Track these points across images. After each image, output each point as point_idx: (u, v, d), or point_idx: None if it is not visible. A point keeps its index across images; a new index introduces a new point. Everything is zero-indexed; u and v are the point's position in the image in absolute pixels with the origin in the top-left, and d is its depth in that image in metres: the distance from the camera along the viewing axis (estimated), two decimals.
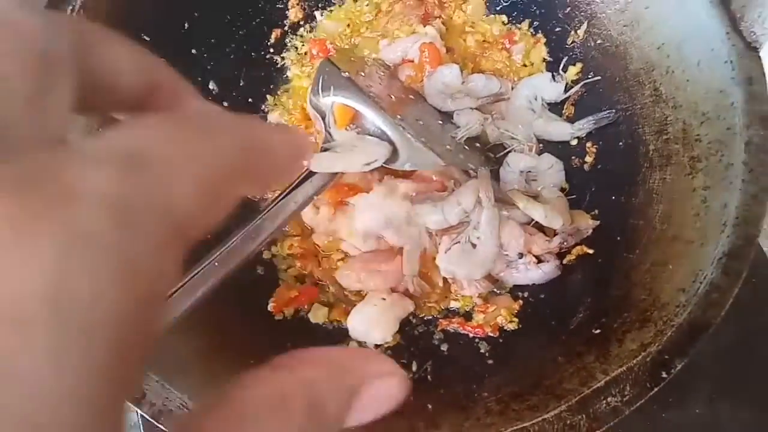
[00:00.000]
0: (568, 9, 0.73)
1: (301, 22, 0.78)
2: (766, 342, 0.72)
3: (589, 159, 0.70)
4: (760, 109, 0.57)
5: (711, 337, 0.66)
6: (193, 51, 0.71)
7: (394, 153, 0.60)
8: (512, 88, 0.72)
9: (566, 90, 0.72)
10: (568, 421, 0.49)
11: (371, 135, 0.60)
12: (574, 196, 0.68)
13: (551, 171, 0.68)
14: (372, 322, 0.62)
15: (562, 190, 0.69)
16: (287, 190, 0.55)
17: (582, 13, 0.72)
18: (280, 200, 0.54)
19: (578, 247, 0.65)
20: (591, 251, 0.65)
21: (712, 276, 0.52)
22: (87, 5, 0.62)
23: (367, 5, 0.77)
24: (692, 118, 0.61)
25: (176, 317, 0.48)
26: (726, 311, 0.66)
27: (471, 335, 0.63)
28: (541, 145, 0.72)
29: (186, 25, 0.70)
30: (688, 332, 0.51)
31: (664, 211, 0.60)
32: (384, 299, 0.63)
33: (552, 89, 0.72)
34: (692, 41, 0.62)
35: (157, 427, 0.49)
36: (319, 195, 0.57)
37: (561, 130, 0.70)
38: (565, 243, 0.64)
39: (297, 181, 0.56)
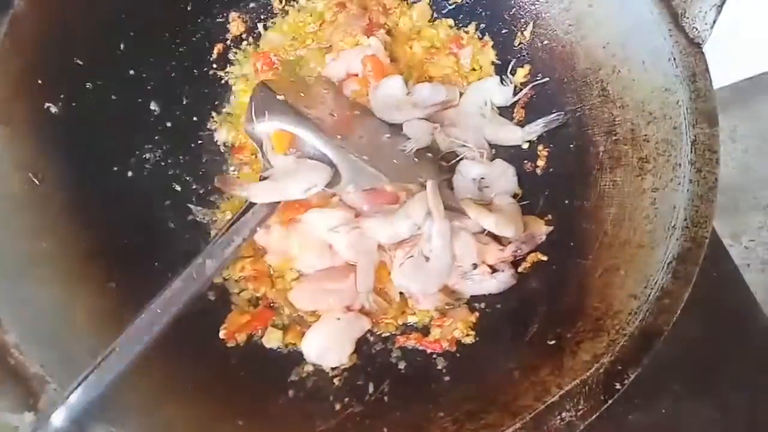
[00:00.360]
0: (514, 10, 0.72)
1: (244, 35, 0.76)
2: (731, 341, 0.72)
3: (541, 162, 0.69)
4: (704, 107, 0.56)
5: (678, 337, 0.67)
6: (131, 72, 0.69)
7: (336, 175, 0.58)
8: (461, 95, 0.71)
9: (515, 93, 0.70)
10: None
11: (312, 158, 0.58)
12: (527, 202, 0.68)
13: (504, 177, 0.67)
14: (327, 344, 0.61)
15: (515, 195, 0.68)
16: (228, 225, 0.54)
17: (527, 14, 0.71)
18: (221, 237, 0.53)
19: (533, 254, 0.64)
20: (545, 258, 0.64)
21: (662, 281, 0.52)
22: (14, 34, 0.59)
23: (310, 16, 0.75)
24: (639, 118, 0.60)
25: (123, 367, 0.48)
26: (692, 310, 0.67)
27: (428, 351, 0.62)
28: (493, 150, 0.71)
29: (122, 45, 0.68)
30: (640, 340, 0.50)
31: (615, 214, 0.59)
32: (339, 319, 0.62)
33: (501, 93, 0.71)
34: (636, 39, 0.61)
35: None
36: (261, 225, 0.55)
37: (512, 135, 0.69)
38: (519, 251, 0.63)
39: (238, 215, 0.55)
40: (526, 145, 0.70)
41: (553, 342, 0.55)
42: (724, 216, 1.77)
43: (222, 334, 0.62)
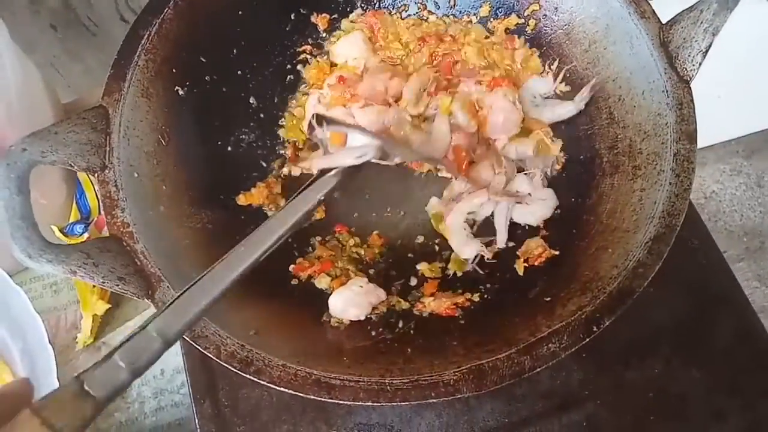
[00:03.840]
0: (544, 48, 0.88)
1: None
2: (716, 310, 0.85)
3: (557, 167, 0.84)
4: (687, 128, 0.71)
5: (669, 311, 0.81)
6: (239, 72, 0.88)
7: (384, 153, 0.71)
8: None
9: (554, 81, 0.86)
10: (516, 360, 0.61)
11: None
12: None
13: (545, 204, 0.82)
14: (348, 303, 0.74)
15: None
16: (297, 193, 0.66)
17: (554, 52, 0.87)
18: (291, 201, 0.66)
19: (546, 251, 0.77)
20: (557, 252, 0.77)
21: (640, 255, 0.65)
22: (160, 33, 0.79)
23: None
24: (636, 135, 0.75)
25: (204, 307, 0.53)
26: (682, 290, 0.81)
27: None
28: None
29: (234, 51, 0.88)
30: (617, 297, 0.63)
31: (610, 209, 0.74)
32: (361, 287, 0.76)
33: (543, 84, 0.86)
34: (639, 75, 0.76)
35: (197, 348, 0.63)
36: (329, 196, 0.68)
37: (567, 108, 0.84)
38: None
39: (306, 185, 0.67)
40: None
41: (548, 299, 0.68)
42: (750, 259, 1.85)
43: (291, 268, 0.79)
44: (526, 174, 0.83)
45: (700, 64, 0.73)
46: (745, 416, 0.79)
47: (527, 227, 0.82)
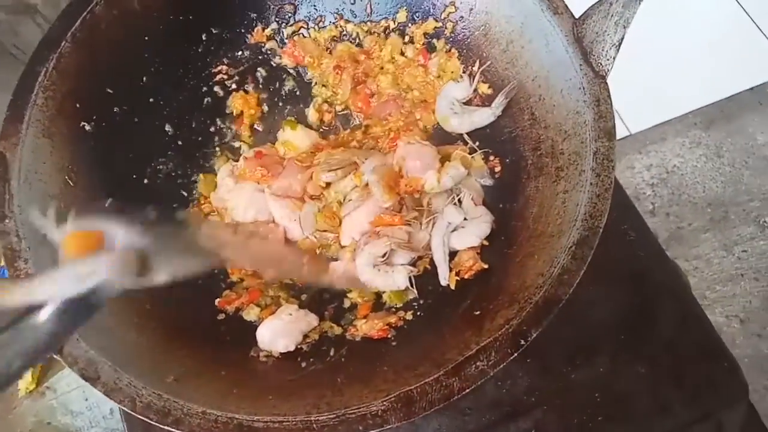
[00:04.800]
0: (464, 50, 0.86)
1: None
2: (657, 302, 0.84)
3: (497, 172, 0.83)
4: (605, 125, 0.69)
5: (611, 307, 0.80)
6: (151, 99, 0.85)
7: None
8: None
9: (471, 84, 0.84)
10: (444, 383, 0.59)
11: None
12: None
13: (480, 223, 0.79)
14: (277, 334, 0.72)
15: None
16: None
17: (474, 54, 0.85)
18: None
19: (477, 264, 0.75)
20: (486, 266, 0.75)
21: (564, 261, 0.64)
22: (59, 68, 0.75)
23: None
24: (558, 135, 0.74)
25: None
26: (622, 284, 0.79)
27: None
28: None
29: (144, 78, 0.84)
30: (543, 307, 0.62)
31: (536, 213, 0.72)
32: (291, 314, 0.73)
33: (461, 88, 0.85)
34: (556, 72, 0.75)
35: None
36: None
37: (484, 115, 0.82)
38: None
39: None
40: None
41: (478, 312, 0.67)
42: (715, 229, 1.88)
43: (217, 302, 0.76)
44: (454, 204, 0.80)
45: (614, 58, 0.71)
46: (690, 407, 0.78)
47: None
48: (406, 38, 0.90)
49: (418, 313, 0.74)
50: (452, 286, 0.75)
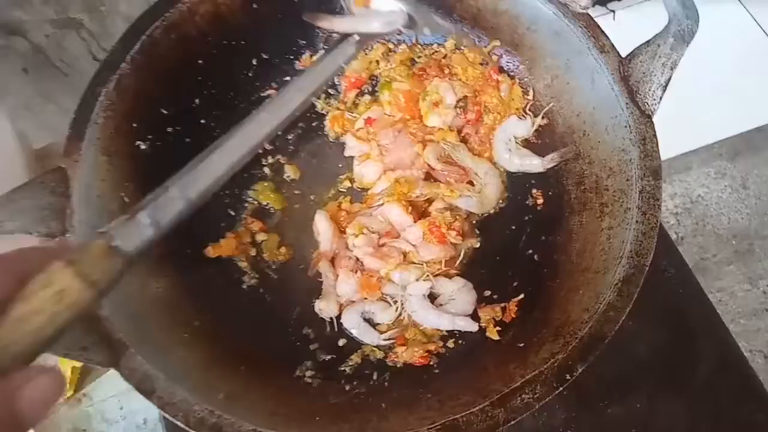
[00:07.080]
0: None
1: None
2: (696, 340, 0.85)
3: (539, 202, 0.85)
4: (651, 164, 0.71)
5: (650, 344, 0.81)
6: (203, 121, 0.87)
7: (411, 20, 0.67)
8: None
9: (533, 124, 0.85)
10: (490, 414, 0.60)
11: None
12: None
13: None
14: None
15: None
16: (315, 62, 0.66)
17: (521, 87, 0.87)
18: (309, 70, 0.65)
19: (513, 305, 0.75)
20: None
21: (609, 298, 0.65)
22: (118, 88, 0.78)
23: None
24: (602, 171, 0.75)
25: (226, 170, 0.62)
26: (662, 322, 0.81)
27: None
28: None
29: (197, 101, 0.87)
30: (588, 343, 0.63)
31: (579, 248, 0.73)
32: None
33: (522, 126, 0.85)
34: (602, 109, 0.76)
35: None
36: (347, 63, 0.67)
37: (535, 163, 0.83)
38: None
39: (323, 53, 0.64)
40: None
41: (522, 344, 0.68)
42: (740, 261, 1.86)
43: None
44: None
45: (660, 98, 0.73)
46: None
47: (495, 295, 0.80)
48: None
49: (460, 341, 0.75)
50: (494, 338, 0.74)
